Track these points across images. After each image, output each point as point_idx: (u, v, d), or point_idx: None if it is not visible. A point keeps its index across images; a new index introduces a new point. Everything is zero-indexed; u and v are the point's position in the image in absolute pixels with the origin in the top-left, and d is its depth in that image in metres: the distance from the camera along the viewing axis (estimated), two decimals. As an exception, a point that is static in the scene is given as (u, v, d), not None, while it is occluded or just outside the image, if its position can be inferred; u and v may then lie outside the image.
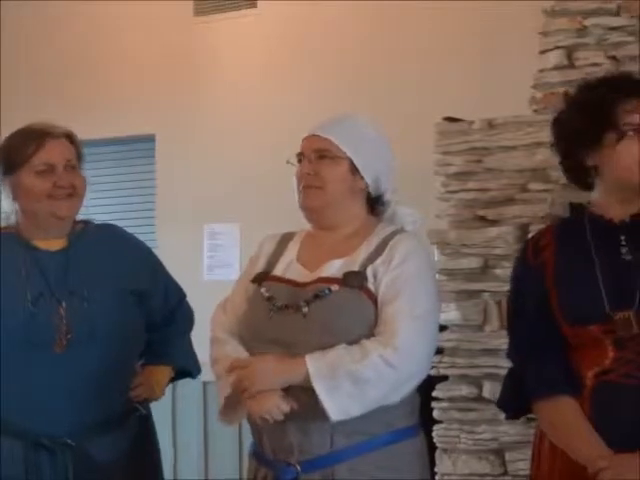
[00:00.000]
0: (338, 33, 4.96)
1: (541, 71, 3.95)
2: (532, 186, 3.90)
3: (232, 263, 5.22)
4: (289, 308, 2.51)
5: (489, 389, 3.84)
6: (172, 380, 3.03)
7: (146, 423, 2.93)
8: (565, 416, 2.40)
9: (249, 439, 2.63)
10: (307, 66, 5.04)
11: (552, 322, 2.45)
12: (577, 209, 2.57)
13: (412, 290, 2.49)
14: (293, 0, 5.10)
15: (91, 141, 4.20)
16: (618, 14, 3.83)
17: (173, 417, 5.29)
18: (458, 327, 3.93)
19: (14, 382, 2.70)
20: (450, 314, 3.91)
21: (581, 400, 2.41)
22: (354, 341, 2.44)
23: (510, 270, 2.61)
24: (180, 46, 5.40)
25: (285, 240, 2.69)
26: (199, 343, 2.90)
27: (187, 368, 3.02)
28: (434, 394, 3.95)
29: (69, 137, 2.83)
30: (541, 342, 2.47)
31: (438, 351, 3.54)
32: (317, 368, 2.39)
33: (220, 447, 5.21)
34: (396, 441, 2.50)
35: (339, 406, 2.39)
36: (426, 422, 3.07)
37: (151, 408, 2.96)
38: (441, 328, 3.15)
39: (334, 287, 2.50)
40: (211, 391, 4.95)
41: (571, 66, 3.89)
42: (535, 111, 3.91)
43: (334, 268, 2.55)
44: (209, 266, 5.36)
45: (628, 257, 2.43)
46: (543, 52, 3.97)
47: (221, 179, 5.29)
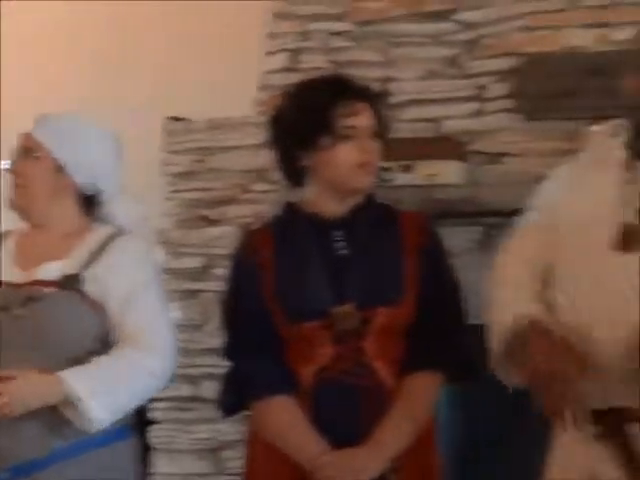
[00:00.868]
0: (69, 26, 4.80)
1: (267, 73, 3.98)
2: (255, 187, 3.94)
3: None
4: (1, 310, 2.43)
5: (207, 388, 3.84)
6: None
7: None
8: (283, 415, 2.40)
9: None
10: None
11: (270, 320, 2.46)
12: (291, 207, 2.60)
13: (148, 297, 2.49)
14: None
15: None
16: (341, 20, 3.91)
17: None
18: (180, 327, 3.90)
19: None
20: (173, 314, 3.88)
21: (300, 399, 2.41)
22: (71, 346, 2.41)
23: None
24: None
25: (3, 238, 2.60)
26: None
27: None
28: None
29: None
30: (259, 341, 2.47)
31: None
32: (86, 386, 2.36)
33: None
34: (110, 442, 2.45)
35: (105, 417, 2.39)
36: (142, 423, 3.03)
37: None
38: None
39: (49, 290, 2.44)
40: None
41: (295, 69, 3.94)
42: (260, 112, 3.94)
43: (50, 270, 2.48)
44: None
45: (344, 252, 2.48)
46: (269, 54, 4.00)
47: None
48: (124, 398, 2.43)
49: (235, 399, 2.49)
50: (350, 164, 2.43)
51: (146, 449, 3.43)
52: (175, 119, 4.08)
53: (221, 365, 2.56)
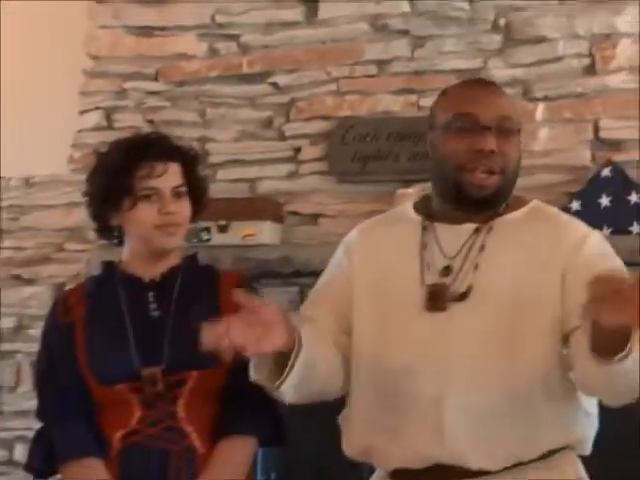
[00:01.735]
0: None
1: (80, 131, 3.95)
2: (69, 246, 3.89)
3: None
4: None
5: (20, 452, 3.74)
6: None
7: None
8: (90, 478, 2.36)
9: None
10: None
11: (82, 382, 2.43)
12: (108, 267, 2.59)
13: None
14: None
15: None
16: (156, 79, 3.93)
17: None
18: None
19: None
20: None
21: (109, 462, 2.38)
22: None
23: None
24: None
25: None
26: None
27: None
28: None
29: None
30: (70, 402, 2.43)
31: None
32: None
33: None
34: None
35: None
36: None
37: None
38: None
39: None
40: None
41: (110, 127, 3.93)
42: (73, 171, 3.90)
43: None
44: None
45: (156, 314, 2.48)
46: (83, 112, 3.97)
47: None
48: None
49: (44, 462, 2.43)
50: (150, 225, 2.44)
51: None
52: (-13, 177, 3.99)
53: (34, 428, 2.52)
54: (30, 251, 3.90)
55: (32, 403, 2.56)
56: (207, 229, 3.52)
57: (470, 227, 2.23)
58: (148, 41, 3.95)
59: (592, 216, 2.67)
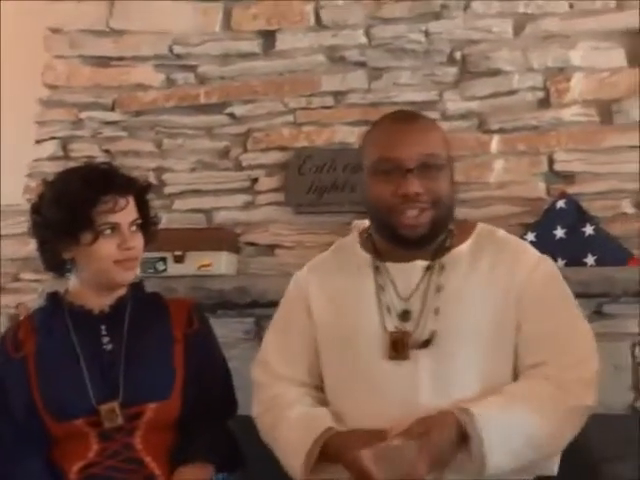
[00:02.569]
0: None
1: (36, 160, 3.93)
2: (24, 275, 3.85)
3: None
4: None
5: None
6: None
7: None
8: None
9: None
10: None
11: (37, 417, 2.41)
12: (54, 298, 2.57)
13: None
14: None
15: None
16: (113, 109, 3.92)
17: None
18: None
19: None
20: None
21: (66, 497, 2.37)
22: None
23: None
24: None
25: None
26: None
27: None
28: None
29: None
30: (25, 439, 2.41)
31: None
32: None
33: None
34: None
35: None
36: None
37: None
38: None
39: None
40: None
41: (66, 157, 3.91)
42: (29, 200, 3.86)
43: None
44: None
45: (109, 347, 2.46)
46: (39, 142, 3.95)
47: None
48: None
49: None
50: (110, 260, 2.43)
51: None
52: (-58, 206, 3.95)
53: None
54: (-17, 281, 3.86)
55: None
56: (163, 259, 3.50)
57: (421, 264, 2.24)
58: (105, 71, 3.94)
59: (547, 247, 2.68)
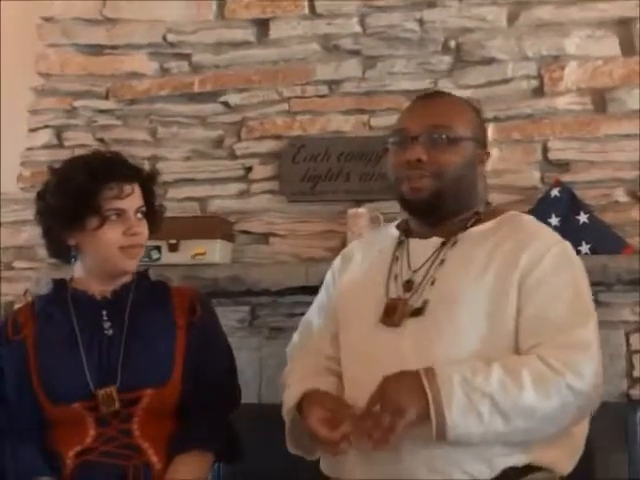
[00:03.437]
0: None
1: (30, 149, 3.92)
2: (17, 264, 3.84)
3: None
4: None
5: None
6: None
7: None
8: None
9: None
10: None
11: (34, 400, 2.42)
12: (59, 285, 2.57)
13: None
14: None
15: None
16: (107, 98, 3.91)
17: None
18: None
19: None
20: None
21: (62, 481, 2.37)
22: None
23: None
24: None
25: None
26: None
27: None
28: None
29: None
30: (21, 423, 2.42)
31: None
32: None
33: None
34: None
35: None
36: None
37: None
38: None
39: None
40: None
41: (60, 146, 3.90)
42: (22, 189, 3.87)
43: None
44: None
45: (110, 332, 2.47)
46: (33, 130, 3.94)
47: None
48: None
49: (-3, 484, 2.42)
50: (116, 246, 2.44)
51: None
52: None
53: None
54: (-22, 271, 3.85)
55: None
56: (157, 248, 3.50)
57: (437, 241, 2.27)
58: (99, 60, 3.93)
59: (541, 235, 2.70)
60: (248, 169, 3.78)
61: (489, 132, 3.59)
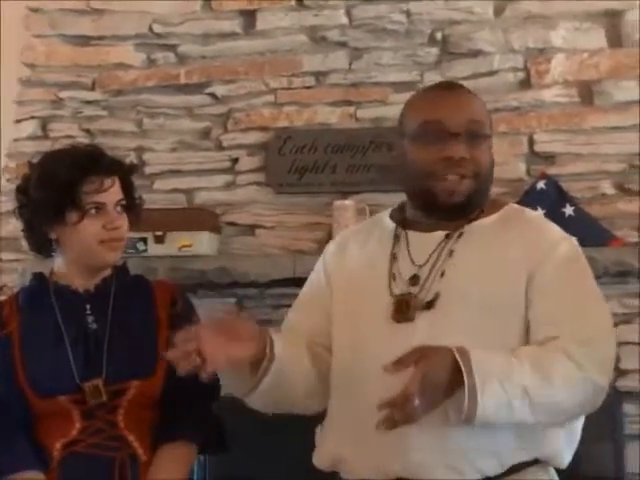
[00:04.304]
0: None
1: (15, 140, 3.91)
2: (3, 255, 3.84)
3: None
4: None
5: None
6: None
7: None
8: None
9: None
10: None
11: (20, 394, 2.42)
12: (39, 278, 2.57)
13: None
14: None
15: None
16: (93, 89, 3.90)
17: None
18: None
19: None
20: None
21: (49, 473, 2.39)
22: None
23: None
24: None
25: None
26: None
27: None
28: None
29: None
30: (10, 416, 2.42)
31: None
32: None
33: None
34: None
35: None
36: None
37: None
38: None
39: None
40: None
41: (46, 137, 3.89)
42: (8, 180, 3.85)
43: None
44: None
45: (94, 326, 2.47)
46: (18, 121, 3.93)
47: None
48: None
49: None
50: (96, 240, 2.44)
51: None
52: None
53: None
54: (-35, 263, 3.83)
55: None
56: (143, 240, 3.50)
57: (441, 234, 2.22)
58: (85, 50, 3.92)
59: (527, 228, 2.70)
60: (235, 160, 3.78)
61: (475, 124, 3.60)
